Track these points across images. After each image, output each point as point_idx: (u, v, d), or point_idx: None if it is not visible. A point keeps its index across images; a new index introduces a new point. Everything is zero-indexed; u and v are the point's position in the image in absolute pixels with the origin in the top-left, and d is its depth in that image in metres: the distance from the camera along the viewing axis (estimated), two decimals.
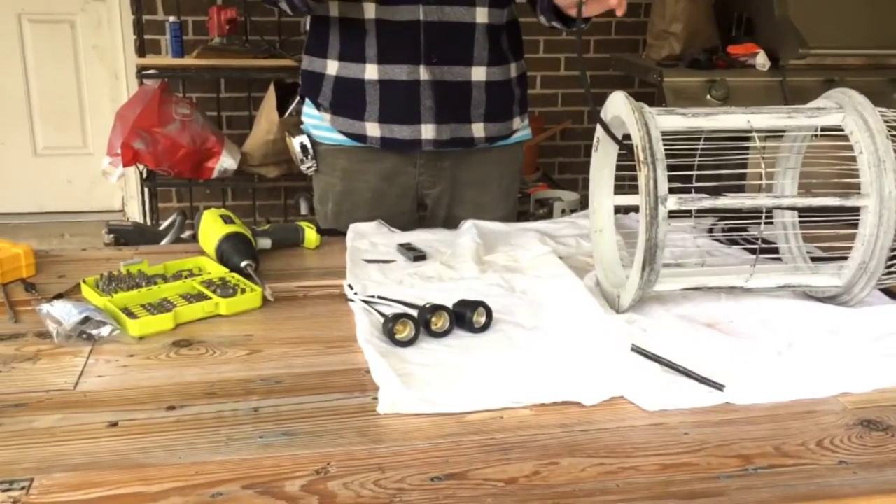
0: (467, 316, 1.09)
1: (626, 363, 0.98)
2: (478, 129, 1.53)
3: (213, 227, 1.32)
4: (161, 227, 2.74)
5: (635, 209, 1.14)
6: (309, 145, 1.58)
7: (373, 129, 1.51)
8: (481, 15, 1.48)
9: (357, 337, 1.06)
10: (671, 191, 1.05)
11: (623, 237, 1.29)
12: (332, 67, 1.52)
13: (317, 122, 1.58)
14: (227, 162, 3.17)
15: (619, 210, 1.28)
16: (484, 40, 1.49)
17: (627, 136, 1.15)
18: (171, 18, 3.26)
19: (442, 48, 1.45)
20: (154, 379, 0.97)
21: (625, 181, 1.24)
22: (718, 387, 0.93)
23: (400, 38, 1.41)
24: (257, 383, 0.96)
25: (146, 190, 3.32)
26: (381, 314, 1.09)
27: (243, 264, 1.25)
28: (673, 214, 1.05)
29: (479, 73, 1.50)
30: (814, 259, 1.24)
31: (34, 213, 3.71)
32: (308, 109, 1.60)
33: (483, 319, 1.10)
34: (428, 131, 1.50)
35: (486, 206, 1.60)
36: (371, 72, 1.47)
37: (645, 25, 3.54)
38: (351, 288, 1.21)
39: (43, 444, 0.83)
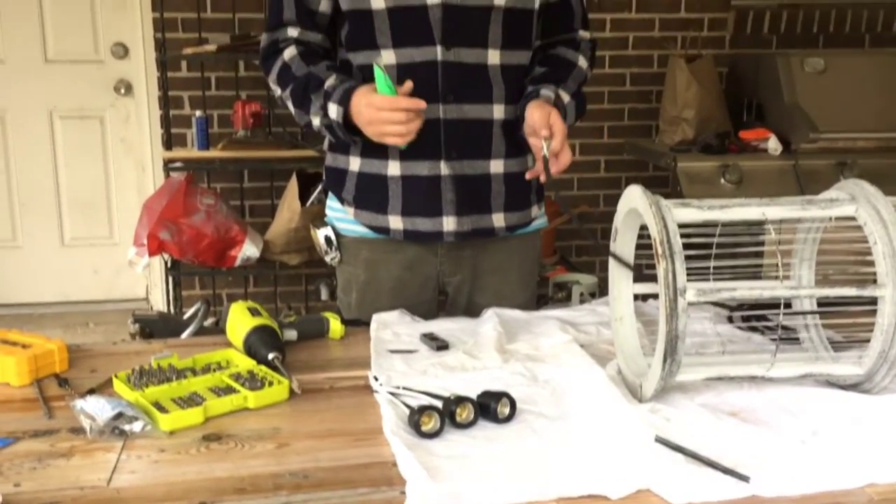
0: (492, 407, 1.10)
1: (651, 454, 0.98)
2: (498, 220, 1.57)
3: (240, 320, 1.35)
4: (185, 317, 2.77)
5: (655, 296, 1.16)
6: (333, 237, 1.63)
7: (395, 222, 1.55)
8: (498, 111, 1.53)
9: (383, 429, 1.08)
10: (690, 275, 1.08)
11: (644, 325, 1.30)
12: (355, 164, 1.57)
13: (340, 215, 1.63)
14: (249, 250, 3.23)
15: (638, 297, 1.30)
16: (501, 135, 1.54)
17: (645, 227, 1.18)
18: (198, 113, 3.37)
19: (461, 144, 1.51)
20: (185, 475, 0.98)
21: (643, 269, 1.27)
22: (744, 478, 0.94)
23: (421, 136, 1.47)
24: (286, 478, 0.97)
25: (170, 279, 3.38)
26: (407, 405, 1.11)
27: (270, 356, 1.28)
28: (693, 302, 1.07)
29: (497, 166, 1.55)
30: (834, 345, 1.25)
31: (59, 303, 3.77)
32: (332, 203, 1.65)
33: (507, 410, 1.11)
34: (449, 223, 1.54)
35: (507, 293, 1.63)
36: (393, 168, 1.53)
37: (657, 111, 3.63)
38: (376, 379, 1.23)
39: None
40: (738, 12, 3.78)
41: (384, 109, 1.41)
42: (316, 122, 1.51)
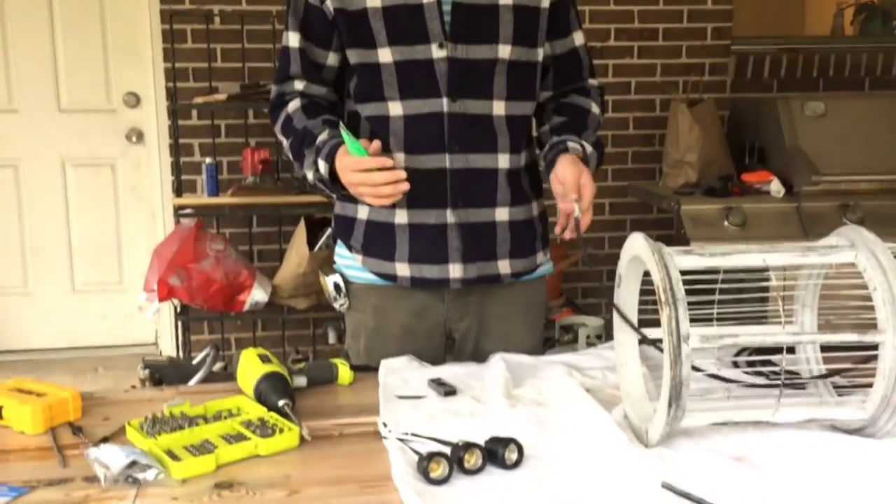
0: (500, 453, 1.12)
1: (658, 500, 1.00)
2: (503, 266, 1.60)
3: (251, 367, 1.38)
4: (194, 362, 2.79)
5: (660, 340, 1.18)
6: (342, 284, 1.65)
7: (402, 269, 1.58)
8: (503, 161, 1.57)
9: (392, 475, 1.09)
10: (694, 318, 1.10)
11: (649, 369, 1.32)
12: (363, 212, 1.61)
13: (349, 263, 1.65)
14: (258, 295, 3.26)
15: (642, 341, 1.32)
16: (506, 183, 1.57)
17: (647, 273, 1.20)
18: (208, 160, 3.43)
19: (467, 193, 1.54)
20: None
21: (647, 314, 1.28)
22: None
23: (428, 185, 1.50)
24: None
25: (179, 324, 3.40)
26: (416, 452, 1.12)
27: (281, 403, 1.29)
28: (696, 348, 1.09)
29: (502, 214, 1.58)
30: (837, 389, 1.27)
31: (68, 349, 3.80)
32: (340, 250, 1.68)
33: (515, 456, 1.12)
34: (455, 270, 1.56)
35: (513, 338, 1.64)
36: (400, 216, 1.56)
37: (660, 154, 3.67)
38: (385, 426, 1.24)
39: None
40: (738, 57, 3.84)
41: (354, 171, 1.44)
42: (310, 175, 1.56)
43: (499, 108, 1.55)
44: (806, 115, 3.19)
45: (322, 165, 1.50)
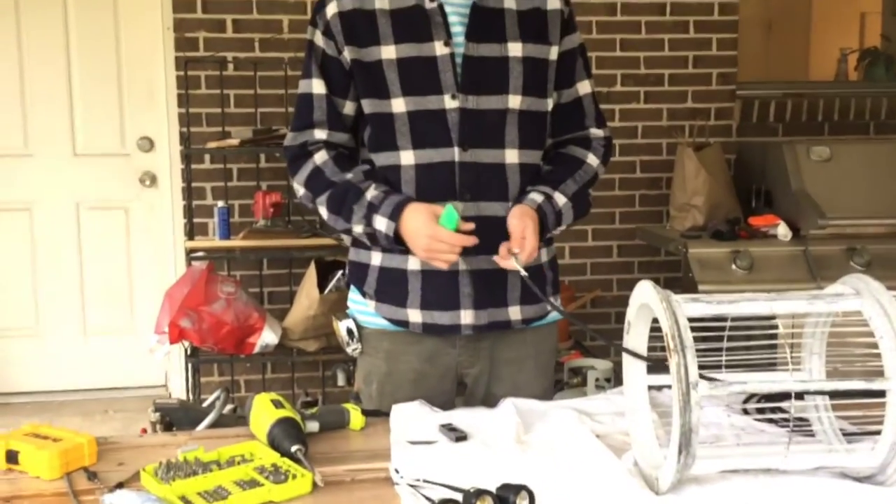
0: (510, 500, 1.13)
1: None
2: (514, 312, 1.62)
3: (264, 413, 1.39)
4: (205, 405, 2.80)
5: (669, 386, 1.19)
6: (355, 329, 1.67)
7: (415, 316, 1.60)
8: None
9: None
10: (703, 364, 1.11)
11: (659, 415, 1.33)
12: (377, 258, 1.63)
13: (362, 308, 1.68)
14: (268, 337, 3.28)
15: (652, 387, 1.33)
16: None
17: (656, 319, 1.22)
18: (220, 203, 3.47)
19: (479, 240, 1.56)
20: None
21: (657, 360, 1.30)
22: None
23: None
24: None
25: (189, 366, 3.42)
26: (427, 498, 1.13)
27: (293, 449, 1.31)
28: (706, 395, 1.10)
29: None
30: (847, 436, 1.27)
31: (79, 391, 3.81)
32: (354, 296, 1.70)
33: (525, 503, 1.13)
34: (467, 317, 1.58)
35: (524, 383, 1.66)
36: (413, 263, 1.58)
37: (667, 197, 3.70)
38: (397, 471, 1.25)
39: None
40: (743, 102, 3.89)
41: (445, 244, 1.48)
42: (358, 229, 1.57)
43: (509, 156, 1.58)
44: (812, 159, 3.22)
45: (384, 222, 1.53)
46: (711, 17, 3.86)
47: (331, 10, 1.59)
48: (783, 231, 3.13)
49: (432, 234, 1.48)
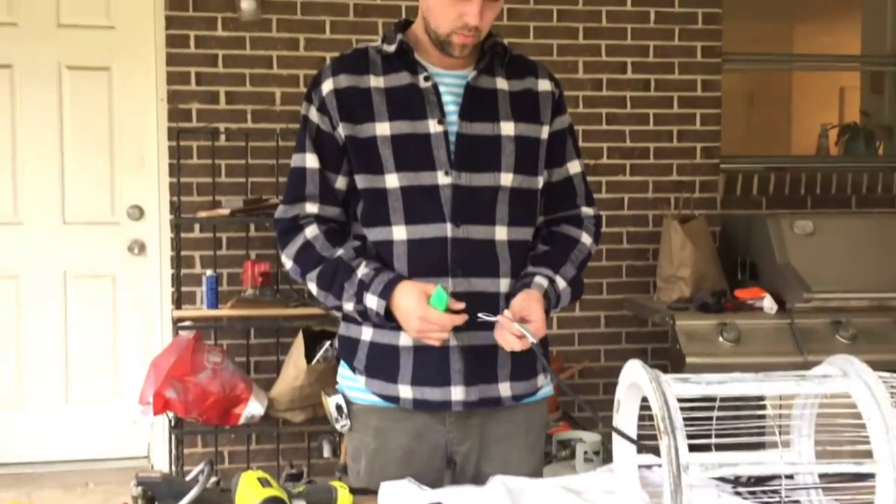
0: None
1: None
2: (504, 389, 1.62)
3: (250, 491, 1.37)
4: (188, 478, 2.76)
5: (660, 464, 1.19)
6: (344, 405, 1.67)
7: (405, 392, 1.60)
8: (504, 284, 1.61)
9: None
10: (693, 444, 1.11)
11: (650, 495, 1.32)
12: (368, 334, 1.64)
13: (351, 384, 1.67)
14: (254, 408, 3.25)
15: (642, 465, 1.33)
16: (507, 306, 1.61)
17: (646, 398, 1.23)
18: (208, 272, 3.47)
19: (469, 320, 1.56)
20: None
21: (646, 438, 1.30)
22: None
23: None
24: None
25: (173, 437, 3.37)
26: None
27: None
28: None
29: None
30: None
31: (59, 462, 3.73)
32: (344, 371, 1.70)
33: None
34: (457, 393, 1.58)
35: (514, 461, 1.65)
36: (405, 338, 1.59)
37: (654, 268, 3.73)
38: None
39: None
40: (727, 175, 3.96)
41: (437, 324, 1.50)
42: (349, 307, 1.59)
43: (501, 233, 1.61)
44: (795, 233, 3.28)
45: (374, 301, 1.54)
46: (694, 93, 3.96)
47: (326, 87, 1.63)
48: (769, 304, 3.16)
49: (423, 315, 1.49)
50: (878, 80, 4.40)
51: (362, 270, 1.57)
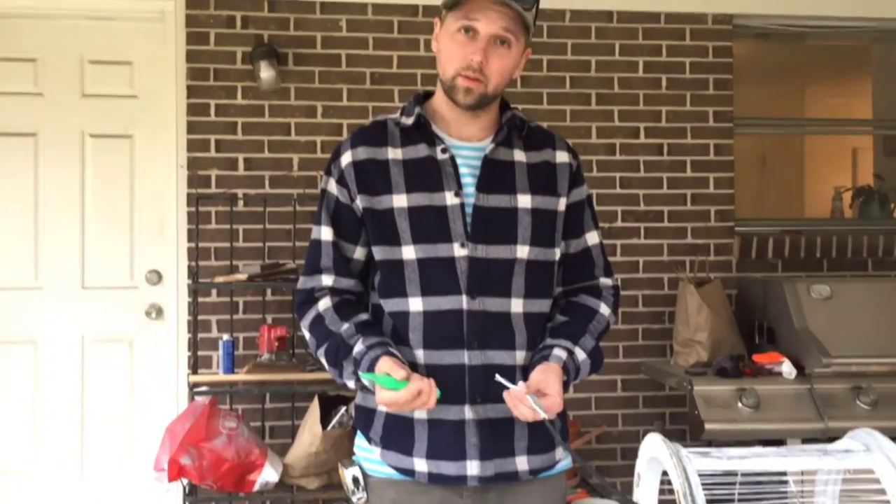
0: None
1: None
2: (521, 463, 1.61)
3: None
4: None
5: None
6: (360, 478, 1.65)
7: (420, 465, 1.59)
8: (520, 357, 1.61)
9: None
10: None
11: None
12: None
13: (368, 455, 1.66)
14: (269, 475, 3.22)
15: None
16: (523, 380, 1.60)
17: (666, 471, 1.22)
18: (225, 337, 3.48)
19: (485, 389, 1.56)
20: None
21: None
22: None
23: (447, 381, 1.54)
24: None
25: None
26: None
27: None
28: None
29: None
30: None
31: None
32: (360, 442, 1.69)
33: None
34: (473, 468, 1.57)
35: None
36: (420, 411, 1.58)
37: (670, 331, 3.71)
38: None
39: None
40: (742, 238, 3.95)
41: (391, 404, 1.51)
42: (351, 384, 1.61)
43: (517, 305, 1.61)
44: (812, 297, 3.26)
45: (368, 382, 1.56)
46: (707, 157, 3.99)
47: (345, 159, 1.66)
48: (788, 369, 3.13)
49: (378, 398, 1.53)
50: (891, 142, 4.42)
51: (357, 348, 1.58)
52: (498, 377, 1.51)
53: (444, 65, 1.63)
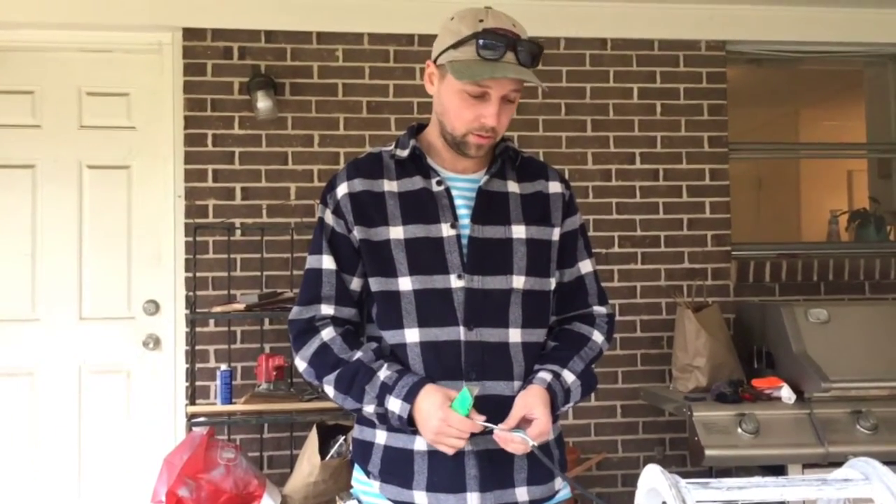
0: None
1: None
2: (521, 494, 1.60)
3: None
4: None
5: None
6: None
7: (420, 498, 1.58)
8: (518, 387, 1.61)
9: None
10: None
11: None
12: (382, 437, 1.63)
13: (366, 489, 1.66)
14: None
15: None
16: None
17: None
18: (223, 367, 3.48)
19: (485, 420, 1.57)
20: None
21: None
22: None
23: None
24: None
25: None
26: None
27: None
28: None
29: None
30: None
31: None
32: (358, 475, 1.68)
33: None
34: (473, 499, 1.56)
35: None
36: (420, 443, 1.58)
37: (669, 356, 3.71)
38: None
39: None
40: (739, 262, 3.96)
41: (456, 429, 1.49)
42: (369, 409, 1.57)
43: (514, 335, 1.62)
44: (810, 321, 3.26)
45: (398, 404, 1.54)
46: (703, 182, 4.01)
47: (341, 190, 1.67)
48: (787, 394, 3.12)
49: (444, 417, 1.48)
50: (885, 165, 4.45)
51: (384, 373, 1.57)
52: (480, 422, 1.50)
53: (453, 121, 1.61)
